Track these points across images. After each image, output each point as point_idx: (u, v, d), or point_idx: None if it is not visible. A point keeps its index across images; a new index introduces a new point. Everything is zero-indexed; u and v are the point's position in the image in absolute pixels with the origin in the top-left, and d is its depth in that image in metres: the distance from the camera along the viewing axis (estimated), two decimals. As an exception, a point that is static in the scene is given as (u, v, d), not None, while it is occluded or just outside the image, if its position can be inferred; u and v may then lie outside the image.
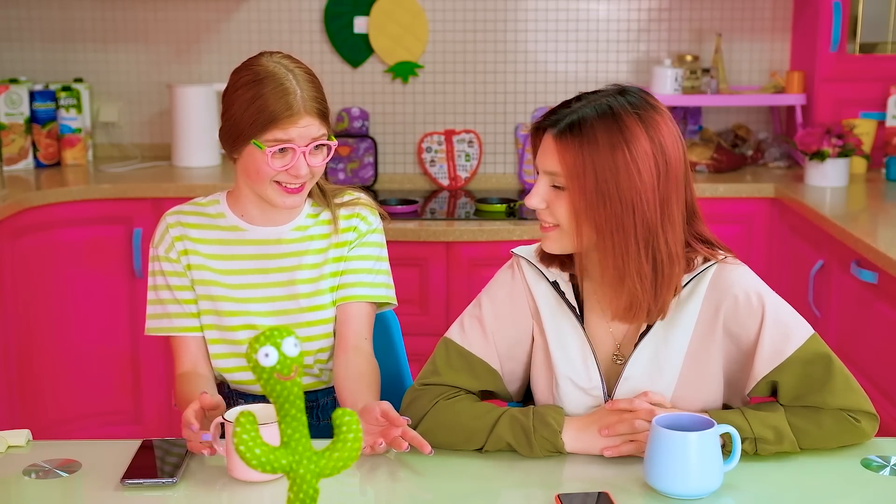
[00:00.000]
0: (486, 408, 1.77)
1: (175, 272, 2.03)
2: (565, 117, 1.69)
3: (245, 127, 1.93)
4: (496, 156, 4.13)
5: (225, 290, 2.03)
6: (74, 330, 3.56)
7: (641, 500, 1.59)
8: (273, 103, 1.91)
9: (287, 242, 2.05)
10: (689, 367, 1.76)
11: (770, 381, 1.73)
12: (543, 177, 1.72)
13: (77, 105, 3.94)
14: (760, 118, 4.12)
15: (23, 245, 3.38)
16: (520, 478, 1.68)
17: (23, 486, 1.65)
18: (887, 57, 3.77)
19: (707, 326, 1.75)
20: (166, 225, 2.05)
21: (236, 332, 2.03)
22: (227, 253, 2.04)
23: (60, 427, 3.49)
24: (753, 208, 3.62)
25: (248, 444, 1.22)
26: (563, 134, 1.67)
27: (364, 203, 2.11)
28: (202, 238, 2.04)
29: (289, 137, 1.91)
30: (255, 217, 2.05)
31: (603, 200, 1.65)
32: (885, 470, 1.68)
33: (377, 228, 2.10)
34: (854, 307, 2.95)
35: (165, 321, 2.04)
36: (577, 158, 1.66)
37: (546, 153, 1.70)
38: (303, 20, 4.05)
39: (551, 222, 1.72)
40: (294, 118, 1.91)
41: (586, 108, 1.68)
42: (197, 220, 2.06)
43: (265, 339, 1.19)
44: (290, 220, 2.06)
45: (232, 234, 2.05)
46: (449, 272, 3.46)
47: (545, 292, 1.82)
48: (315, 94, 1.95)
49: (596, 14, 4.05)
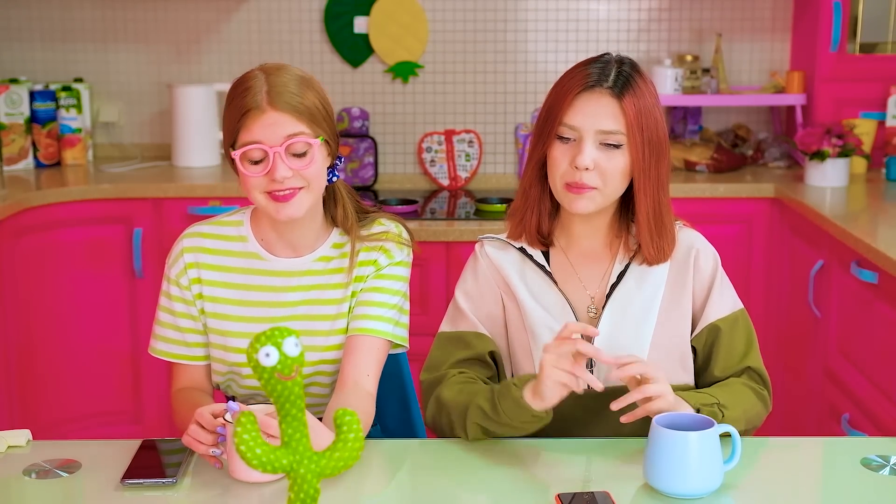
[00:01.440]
0: (475, 386, 1.81)
1: (182, 299, 1.94)
2: (611, 76, 1.77)
3: (225, 135, 1.85)
4: (496, 156, 4.13)
5: (237, 323, 1.93)
6: (74, 330, 3.56)
7: (641, 500, 1.59)
8: (238, 103, 1.80)
9: (309, 274, 1.92)
10: (663, 324, 1.83)
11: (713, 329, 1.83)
12: (595, 136, 1.76)
13: (77, 105, 3.94)
14: (760, 118, 4.12)
15: (23, 245, 3.38)
16: (520, 478, 1.68)
17: (23, 486, 1.65)
18: (887, 57, 3.77)
19: (678, 285, 1.85)
20: (181, 249, 1.94)
21: (245, 367, 1.92)
22: (244, 283, 1.93)
23: (60, 427, 3.49)
24: (753, 208, 3.62)
25: (249, 444, 1.22)
26: (623, 93, 1.76)
27: (392, 237, 1.94)
28: (218, 265, 1.93)
29: (254, 138, 1.78)
30: (275, 242, 1.93)
31: (653, 153, 1.78)
32: (884, 470, 1.68)
33: (400, 261, 1.94)
34: (854, 307, 2.95)
35: (164, 345, 1.98)
36: (636, 116, 1.75)
37: (602, 113, 1.76)
38: (303, 20, 4.05)
39: (594, 184, 1.77)
40: (256, 114, 1.77)
41: (625, 68, 1.79)
42: (215, 245, 1.94)
43: (266, 338, 1.19)
44: (313, 250, 1.93)
45: (250, 262, 1.93)
46: (449, 272, 3.47)
47: (512, 259, 1.90)
48: (290, 90, 1.80)
49: (596, 14, 4.05)
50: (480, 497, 1.64)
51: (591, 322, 1.85)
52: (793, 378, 3.40)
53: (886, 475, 1.67)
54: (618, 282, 1.85)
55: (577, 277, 1.88)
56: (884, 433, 2.69)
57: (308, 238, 1.93)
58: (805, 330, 3.31)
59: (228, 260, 1.94)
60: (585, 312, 1.87)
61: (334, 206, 1.96)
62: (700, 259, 1.86)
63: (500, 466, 1.72)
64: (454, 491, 1.65)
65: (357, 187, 4.01)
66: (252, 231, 1.95)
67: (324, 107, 1.85)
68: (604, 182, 1.77)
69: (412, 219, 3.54)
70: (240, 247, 1.94)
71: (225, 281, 1.93)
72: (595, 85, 1.77)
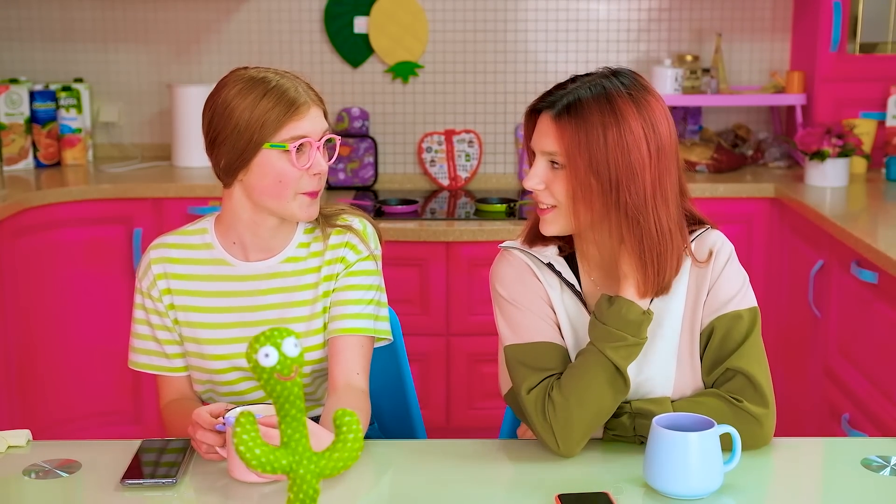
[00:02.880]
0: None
1: (156, 311, 1.94)
2: (561, 98, 1.73)
3: (255, 131, 1.82)
4: (496, 156, 4.13)
5: (210, 331, 1.92)
6: (74, 330, 3.56)
7: (641, 500, 1.59)
8: (280, 99, 1.82)
9: (277, 276, 1.92)
10: (687, 333, 1.79)
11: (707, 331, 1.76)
12: (541, 157, 1.75)
13: (77, 105, 3.94)
14: (760, 118, 4.12)
15: (23, 245, 3.38)
16: (520, 478, 1.68)
17: (23, 486, 1.65)
18: (887, 57, 3.77)
19: (698, 291, 1.79)
20: (149, 261, 1.94)
21: (223, 374, 1.94)
22: (213, 290, 1.92)
23: (60, 427, 3.49)
24: (753, 208, 3.62)
25: (248, 445, 1.21)
26: (560, 115, 1.71)
27: (355, 230, 1.95)
28: (186, 274, 1.93)
29: (304, 132, 1.83)
30: (248, 244, 1.92)
31: (596, 178, 1.69)
32: (885, 470, 1.68)
33: (367, 256, 1.94)
34: (854, 307, 2.94)
35: (144, 357, 1.97)
36: (573, 137, 1.70)
37: (544, 133, 1.74)
38: (303, 20, 4.05)
39: (549, 203, 1.75)
40: (304, 108, 1.83)
41: (581, 90, 1.72)
42: (181, 255, 1.94)
43: (265, 339, 1.19)
44: (280, 251, 1.93)
45: (218, 268, 1.93)
46: (449, 272, 3.47)
47: (548, 279, 1.82)
48: (311, 88, 1.88)
49: (596, 14, 4.05)
50: (480, 497, 1.63)
51: None
52: (793, 378, 3.40)
53: (887, 476, 1.66)
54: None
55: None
56: (884, 433, 2.69)
57: (282, 238, 1.93)
58: (805, 330, 3.31)
59: (196, 268, 1.93)
60: None
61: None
62: (713, 261, 1.79)
63: (500, 466, 1.72)
64: (454, 491, 1.65)
65: (357, 187, 4.02)
66: (217, 238, 1.94)
67: None
68: (556, 202, 1.74)
69: (412, 219, 3.54)
70: (206, 254, 1.94)
71: (194, 290, 1.93)
72: (546, 107, 1.74)
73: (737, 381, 1.74)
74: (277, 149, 1.82)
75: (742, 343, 1.75)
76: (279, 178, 1.83)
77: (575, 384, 1.71)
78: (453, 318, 3.49)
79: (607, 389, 1.70)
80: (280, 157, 1.82)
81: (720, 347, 1.76)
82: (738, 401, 1.72)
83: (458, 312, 3.49)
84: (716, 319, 1.77)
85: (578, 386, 1.70)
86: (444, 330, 3.48)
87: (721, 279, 1.78)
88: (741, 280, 1.80)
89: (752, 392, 1.73)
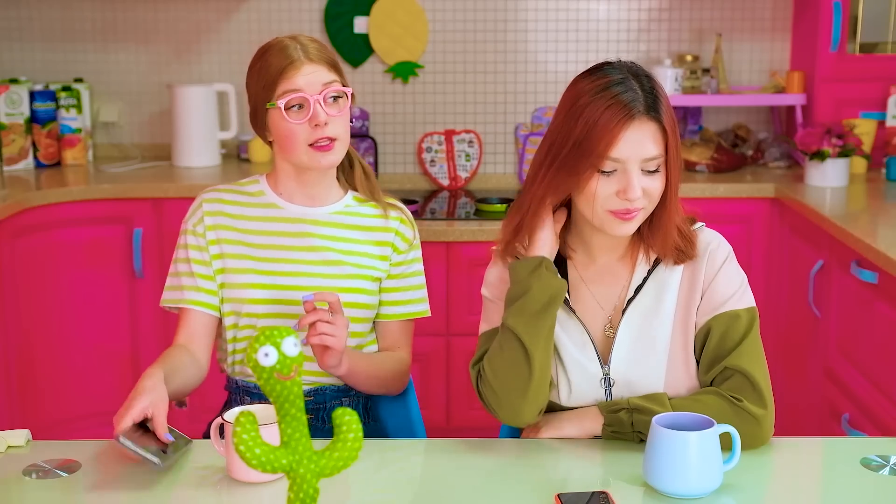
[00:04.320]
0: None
1: (198, 246, 2.04)
2: (644, 99, 1.71)
3: (258, 96, 1.98)
4: (496, 156, 4.13)
5: (254, 276, 2.02)
6: (74, 330, 3.56)
7: (641, 500, 1.59)
8: (274, 61, 1.96)
9: (326, 225, 2.05)
10: (679, 331, 1.79)
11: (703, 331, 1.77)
12: (639, 164, 1.71)
13: (77, 105, 3.94)
14: (760, 118, 4.12)
15: (23, 245, 3.38)
16: (520, 477, 1.68)
17: (23, 486, 1.65)
18: (887, 57, 3.77)
19: (691, 289, 1.80)
20: (201, 200, 2.08)
21: (260, 305, 2.01)
22: (266, 229, 2.04)
23: (60, 427, 3.49)
24: (753, 208, 3.62)
25: (248, 444, 1.22)
26: (658, 113, 1.72)
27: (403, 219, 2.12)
28: (240, 214, 2.05)
29: (296, 87, 1.94)
30: (294, 193, 2.06)
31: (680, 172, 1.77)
32: (884, 470, 1.68)
33: (416, 244, 2.13)
34: (854, 307, 2.94)
35: (177, 293, 2.05)
36: (673, 135, 1.73)
37: (647, 138, 1.71)
38: (303, 20, 4.05)
39: (642, 206, 1.75)
40: (296, 65, 1.94)
41: (645, 82, 1.73)
42: (235, 198, 2.07)
43: (265, 338, 1.19)
44: (331, 202, 2.08)
45: (271, 211, 2.06)
46: (449, 272, 3.47)
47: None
48: (318, 46, 1.99)
49: (596, 14, 4.05)
50: (480, 497, 1.63)
51: (606, 341, 1.82)
52: (793, 378, 3.40)
53: (886, 475, 1.66)
54: (634, 296, 1.81)
55: (591, 296, 1.84)
56: (884, 433, 2.69)
57: (326, 189, 2.07)
58: (805, 330, 3.31)
59: (249, 210, 2.06)
60: (602, 331, 1.84)
61: (350, 167, 2.13)
62: (710, 257, 1.80)
63: (500, 466, 1.72)
64: (454, 490, 1.65)
65: (357, 187, 4.02)
66: (270, 188, 2.08)
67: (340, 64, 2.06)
68: (650, 202, 1.75)
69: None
70: (258, 199, 2.07)
71: (247, 228, 2.04)
72: (636, 114, 1.69)
73: (735, 380, 1.74)
74: (273, 107, 1.96)
75: (740, 342, 1.75)
76: (284, 134, 1.97)
77: (490, 355, 1.79)
78: (453, 318, 3.49)
79: (515, 355, 1.75)
80: (279, 115, 1.96)
81: (718, 346, 1.76)
82: (738, 400, 1.72)
83: (458, 312, 3.49)
84: (713, 319, 1.77)
85: (492, 356, 1.78)
86: (444, 330, 3.48)
87: (718, 279, 1.79)
88: (739, 280, 1.81)
89: (750, 391, 1.73)
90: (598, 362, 1.80)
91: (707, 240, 1.83)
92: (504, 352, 1.76)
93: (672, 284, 1.81)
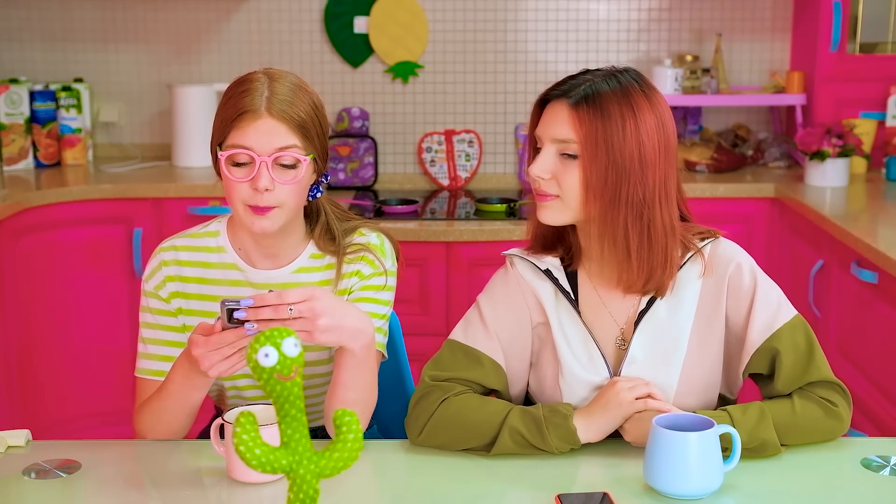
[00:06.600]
0: (496, 403, 1.76)
1: (164, 311, 1.89)
2: (577, 88, 1.72)
3: (215, 130, 1.81)
4: (496, 156, 4.13)
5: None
6: (74, 330, 3.56)
7: (641, 500, 1.59)
8: (236, 102, 1.77)
9: (292, 286, 1.86)
10: (694, 348, 1.78)
11: (767, 351, 1.75)
12: (551, 145, 1.73)
13: (77, 105, 3.94)
14: (760, 118, 4.12)
15: (23, 245, 3.39)
16: (520, 478, 1.68)
17: (23, 486, 1.65)
18: (887, 57, 3.77)
19: (710, 306, 1.78)
20: (160, 261, 1.89)
21: (229, 380, 1.90)
22: (224, 294, 1.86)
23: (60, 427, 3.49)
24: (753, 208, 3.62)
25: (248, 445, 1.21)
26: (579, 104, 1.70)
27: (373, 247, 1.92)
28: (197, 277, 1.89)
29: (245, 143, 1.74)
30: (252, 252, 1.89)
31: (612, 169, 1.69)
32: (885, 470, 1.68)
33: (381, 271, 1.91)
34: (854, 307, 2.94)
35: (154, 363, 1.89)
36: (590, 127, 1.69)
37: (558, 121, 1.72)
38: (303, 20, 4.05)
39: (553, 193, 1.74)
40: (253, 116, 1.74)
41: (598, 82, 1.73)
42: (193, 257, 1.90)
43: (265, 339, 1.19)
44: (292, 261, 1.89)
45: (229, 273, 1.89)
46: (449, 272, 3.47)
47: (543, 285, 1.83)
48: (290, 100, 1.76)
49: (596, 14, 4.05)
50: (480, 497, 1.63)
51: (618, 354, 1.80)
52: (793, 378, 3.40)
53: (886, 476, 1.66)
54: (647, 308, 1.78)
55: (604, 308, 1.82)
56: (884, 433, 2.69)
57: (286, 248, 1.89)
58: (805, 330, 3.30)
59: (207, 272, 1.89)
60: (613, 344, 1.81)
61: (315, 221, 1.92)
62: (735, 276, 1.77)
63: (501, 466, 1.72)
64: (454, 491, 1.65)
65: (357, 187, 4.02)
66: (230, 241, 1.91)
67: (319, 122, 1.82)
68: (563, 191, 1.72)
69: (412, 219, 3.54)
70: (217, 258, 1.90)
71: (205, 294, 1.89)
72: (560, 95, 1.73)
73: (822, 388, 1.77)
74: (221, 152, 1.78)
75: (810, 351, 1.76)
76: (225, 184, 1.79)
77: (466, 416, 1.73)
78: (453, 319, 3.48)
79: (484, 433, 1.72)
80: (225, 163, 1.77)
81: (794, 363, 1.75)
82: (833, 405, 1.75)
83: (458, 312, 3.48)
84: (772, 338, 1.75)
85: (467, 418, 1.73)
86: (444, 330, 3.48)
87: (759, 298, 1.77)
88: (777, 291, 1.80)
89: (839, 396, 1.76)
90: (608, 376, 1.78)
91: (728, 255, 1.79)
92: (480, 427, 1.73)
93: (689, 298, 1.78)
